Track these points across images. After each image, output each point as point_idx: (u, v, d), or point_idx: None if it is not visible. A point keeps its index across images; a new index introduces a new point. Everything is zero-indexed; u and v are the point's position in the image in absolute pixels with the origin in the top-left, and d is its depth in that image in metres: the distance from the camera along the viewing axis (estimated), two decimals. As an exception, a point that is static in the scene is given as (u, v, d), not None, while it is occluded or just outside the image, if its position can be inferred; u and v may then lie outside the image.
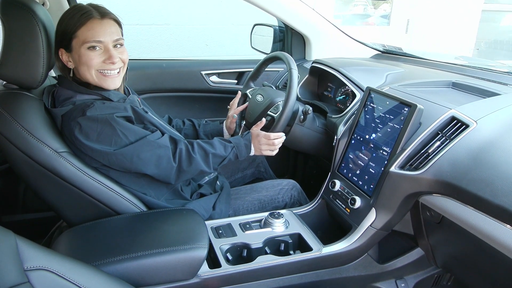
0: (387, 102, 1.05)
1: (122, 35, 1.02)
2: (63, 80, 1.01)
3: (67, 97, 0.98)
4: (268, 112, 1.28)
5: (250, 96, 1.39)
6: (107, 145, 0.94)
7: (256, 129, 1.18)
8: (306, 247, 1.03)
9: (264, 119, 1.21)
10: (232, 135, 1.36)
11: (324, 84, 1.53)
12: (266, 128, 1.22)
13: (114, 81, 1.01)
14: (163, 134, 1.05)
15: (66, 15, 0.97)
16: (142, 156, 0.96)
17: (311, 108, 1.27)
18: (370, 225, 1.02)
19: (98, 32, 0.95)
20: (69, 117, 0.95)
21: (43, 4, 1.38)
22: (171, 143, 1.02)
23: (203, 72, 1.69)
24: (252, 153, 1.15)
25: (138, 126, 1.01)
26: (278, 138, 1.18)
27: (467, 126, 0.89)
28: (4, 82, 0.99)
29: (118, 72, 1.01)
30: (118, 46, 1.00)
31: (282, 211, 1.12)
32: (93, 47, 0.95)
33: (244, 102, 1.43)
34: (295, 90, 1.18)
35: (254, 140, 1.15)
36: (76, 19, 0.94)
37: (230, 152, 1.10)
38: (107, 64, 0.97)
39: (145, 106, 1.17)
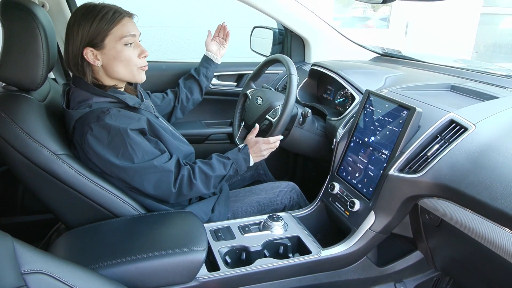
0: (386, 105, 1.05)
1: None
2: (80, 81, 1.00)
3: (83, 99, 0.98)
4: (266, 116, 1.28)
5: (250, 97, 1.40)
6: (113, 156, 0.94)
7: (251, 137, 1.18)
8: (305, 250, 1.03)
9: (257, 125, 1.22)
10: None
11: (324, 87, 1.54)
12: (265, 132, 1.22)
13: (145, 74, 1.07)
14: (169, 147, 1.05)
15: (93, 15, 0.96)
16: (143, 177, 0.97)
17: (310, 111, 1.27)
18: (369, 228, 1.02)
19: (131, 28, 1.00)
20: (83, 121, 0.95)
21: (42, 6, 1.38)
22: (176, 167, 1.02)
23: (203, 74, 1.69)
24: (252, 163, 1.14)
25: (151, 139, 1.01)
26: (277, 141, 1.19)
27: (465, 129, 0.89)
28: (4, 84, 0.99)
29: None
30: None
31: (281, 214, 1.12)
32: (129, 44, 1.00)
33: (244, 102, 1.44)
34: (294, 96, 1.18)
35: (254, 148, 1.15)
36: (109, 18, 0.97)
37: (230, 168, 1.09)
38: (141, 59, 1.03)
39: (155, 111, 1.18)
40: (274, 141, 1.17)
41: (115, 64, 1.00)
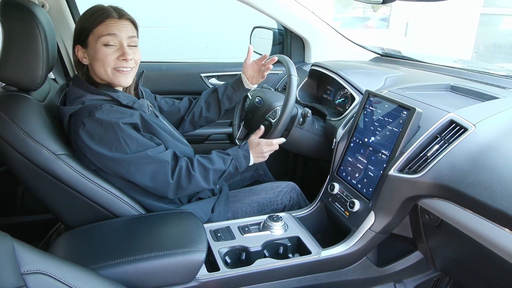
0: (386, 105, 1.05)
1: (138, 37, 1.05)
2: (77, 79, 1.02)
3: (77, 96, 0.99)
4: (266, 117, 1.28)
5: (250, 97, 1.40)
6: (107, 150, 0.94)
7: (254, 137, 1.18)
8: (305, 250, 1.03)
9: (262, 127, 1.21)
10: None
11: (323, 87, 1.54)
12: (265, 133, 1.22)
13: (126, 78, 1.03)
14: (167, 146, 1.04)
15: (86, 13, 1.00)
16: (139, 168, 0.96)
17: (310, 111, 1.28)
18: (369, 228, 1.02)
19: (113, 27, 0.98)
20: (76, 117, 0.95)
21: (42, 6, 1.38)
22: (172, 159, 1.01)
23: (203, 75, 1.70)
24: (252, 162, 1.14)
25: (145, 135, 1.01)
26: (278, 143, 1.19)
27: (465, 129, 0.89)
28: (3, 84, 0.99)
29: (130, 70, 1.03)
30: (133, 45, 1.02)
31: (281, 214, 1.12)
32: (108, 44, 0.97)
33: (244, 103, 1.44)
34: (294, 96, 1.18)
35: (255, 148, 1.15)
36: (95, 17, 0.98)
37: (230, 164, 1.09)
38: (120, 61, 0.99)
39: (156, 110, 1.17)
40: (277, 143, 1.17)
41: (94, 63, 1.00)
